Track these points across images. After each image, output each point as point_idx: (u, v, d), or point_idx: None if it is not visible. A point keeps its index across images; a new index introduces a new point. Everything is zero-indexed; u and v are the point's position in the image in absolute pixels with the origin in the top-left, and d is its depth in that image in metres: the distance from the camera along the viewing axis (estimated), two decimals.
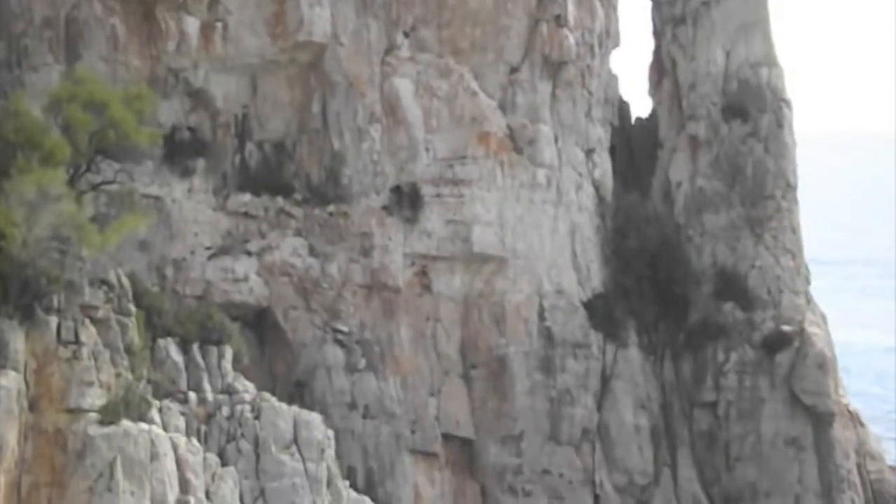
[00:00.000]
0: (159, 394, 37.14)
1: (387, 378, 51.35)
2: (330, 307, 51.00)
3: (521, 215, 54.20)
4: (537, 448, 53.19)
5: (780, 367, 55.59)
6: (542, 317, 54.36)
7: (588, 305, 55.33)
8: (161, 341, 38.50)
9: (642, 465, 54.73)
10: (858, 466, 57.77)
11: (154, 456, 32.79)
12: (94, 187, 37.07)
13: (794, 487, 54.71)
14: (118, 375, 33.66)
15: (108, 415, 32.52)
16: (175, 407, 37.01)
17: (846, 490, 55.41)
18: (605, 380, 55.16)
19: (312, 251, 51.10)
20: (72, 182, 34.88)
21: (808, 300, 58.92)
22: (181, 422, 36.56)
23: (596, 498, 53.65)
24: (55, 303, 33.12)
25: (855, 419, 60.10)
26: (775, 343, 55.68)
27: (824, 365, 55.43)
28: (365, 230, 51.58)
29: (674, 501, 54.86)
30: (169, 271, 48.77)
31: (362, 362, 51.08)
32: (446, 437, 52.26)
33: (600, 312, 55.27)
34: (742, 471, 55.11)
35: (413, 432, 51.38)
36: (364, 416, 50.63)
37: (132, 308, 35.21)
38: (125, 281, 35.24)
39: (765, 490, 54.80)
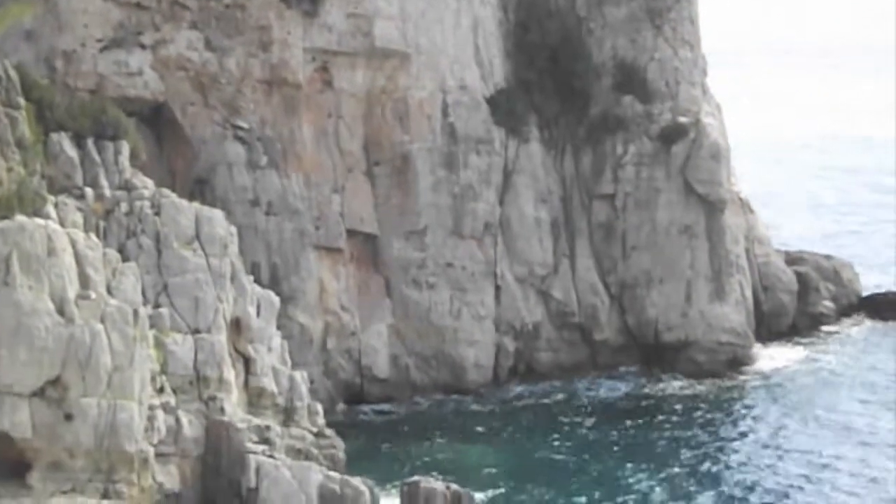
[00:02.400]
0: (54, 189, 36.79)
1: (289, 175, 51.28)
2: (229, 103, 50.39)
3: (423, 9, 53.53)
4: (440, 242, 53.94)
5: (675, 158, 56.59)
6: (445, 113, 54.36)
7: (490, 101, 55.41)
8: (54, 136, 37.89)
9: (542, 256, 55.93)
10: (747, 251, 59.77)
11: (51, 251, 32.56)
12: None
13: (686, 273, 56.48)
14: (10, 170, 33.16)
15: (2, 209, 32.11)
16: (71, 202, 36.74)
17: (734, 274, 57.33)
18: (507, 174, 55.74)
19: (209, 45, 50.11)
20: None
21: (705, 91, 59.64)
22: (78, 217, 36.36)
23: (497, 289, 54.88)
24: None
25: (745, 206, 61.79)
26: (672, 134, 56.53)
27: (718, 155, 56.50)
28: (263, 23, 50.60)
29: (572, 291, 56.36)
30: (59, 64, 47.56)
31: (264, 159, 50.86)
32: (350, 233, 52.71)
33: (503, 108, 55.43)
34: (637, 259, 56.67)
35: (317, 228, 51.70)
36: (267, 213, 50.72)
37: (21, 101, 34.42)
38: (13, 73, 34.36)
39: (659, 276, 56.52)
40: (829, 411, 51.06)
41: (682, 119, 56.87)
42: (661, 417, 50.53)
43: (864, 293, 65.79)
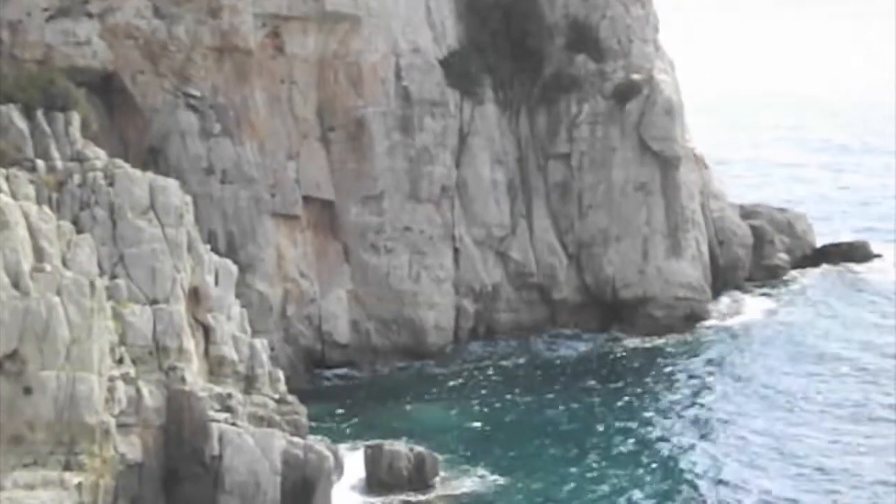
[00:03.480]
0: (5, 162, 36.42)
1: (243, 143, 50.97)
2: (180, 71, 49.94)
3: None
4: (398, 206, 53.87)
5: (630, 116, 56.74)
6: (398, 76, 54.15)
7: (444, 63, 55.25)
8: (3, 108, 37.50)
9: (499, 217, 56.02)
10: (702, 206, 60.16)
11: (4, 224, 32.36)
12: None
13: (643, 230, 56.78)
14: None
15: None
16: (23, 175, 36.34)
17: (690, 229, 57.72)
18: (463, 137, 55.69)
19: (157, 12, 49.55)
20: None
21: (657, 48, 59.77)
22: (31, 190, 35.99)
23: (456, 251, 54.96)
24: None
25: (700, 162, 62.14)
26: (625, 92, 56.65)
27: (672, 111, 56.71)
28: None
29: (530, 251, 56.55)
30: (4, 34, 46.84)
31: (217, 127, 50.50)
32: (307, 200, 52.51)
33: (456, 70, 55.29)
34: (594, 218, 56.88)
35: (273, 196, 51.47)
36: (222, 182, 50.41)
37: None
38: None
39: (615, 234, 56.78)
40: (786, 361, 51.66)
41: (636, 76, 57.00)
42: (620, 374, 50.95)
43: (819, 244, 66.54)
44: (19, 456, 30.61)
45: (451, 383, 50.39)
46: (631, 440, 43.86)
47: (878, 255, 65.62)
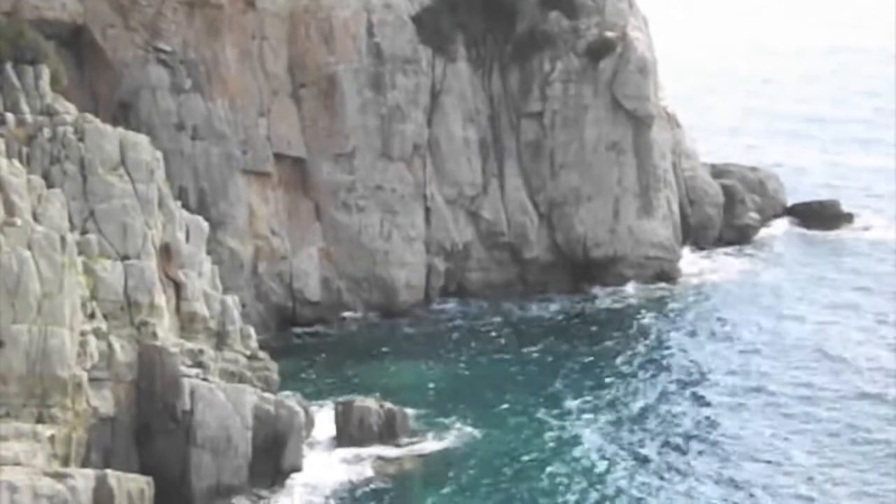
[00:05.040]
0: None
1: (214, 98, 50.65)
2: (150, 25, 49.47)
3: None
4: (369, 164, 53.74)
5: (603, 74, 56.64)
6: (370, 32, 53.86)
7: (416, 20, 54.94)
8: None
9: (471, 176, 55.95)
10: (674, 165, 60.28)
11: None
12: None
13: (614, 189, 56.85)
14: None
15: None
16: None
17: (662, 189, 57.86)
18: (435, 95, 55.49)
19: None
20: None
21: (631, 5, 59.59)
22: (0, 144, 35.66)
23: (427, 210, 54.92)
24: None
25: (672, 120, 62.19)
26: (599, 50, 56.48)
27: (645, 69, 56.66)
28: None
29: (501, 210, 56.53)
30: None
31: (188, 83, 50.14)
32: (278, 157, 52.30)
33: (429, 26, 54.99)
34: (566, 177, 56.86)
35: (244, 153, 51.24)
36: (193, 138, 50.12)
37: None
38: None
39: (587, 194, 56.80)
40: (755, 320, 52.06)
41: (609, 34, 56.84)
42: (590, 332, 51.20)
43: (790, 203, 66.87)
44: None
45: (423, 341, 50.51)
46: (602, 396, 44.18)
47: (849, 215, 65.86)
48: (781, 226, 65.39)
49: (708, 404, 43.26)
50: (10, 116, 37.52)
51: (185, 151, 49.74)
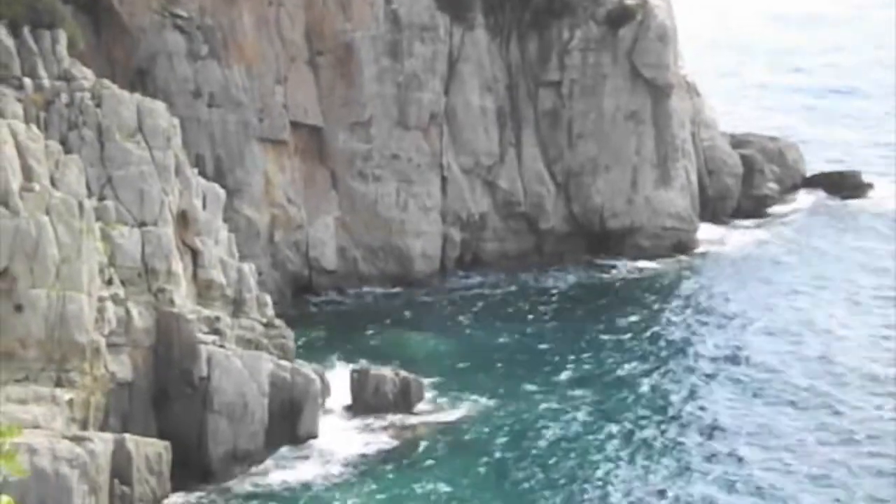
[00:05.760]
0: None
1: (231, 65, 50.44)
2: None
3: None
4: (386, 133, 53.51)
5: (622, 42, 56.17)
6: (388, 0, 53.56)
7: None
8: None
9: (488, 145, 55.66)
10: (693, 135, 59.82)
11: None
12: None
13: (632, 159, 56.51)
14: None
15: None
16: (10, 93, 35.97)
17: (680, 159, 57.47)
18: (452, 63, 55.16)
19: None
20: None
21: None
22: (18, 108, 35.66)
23: (443, 180, 54.70)
24: None
25: (692, 89, 61.68)
26: (619, 18, 55.94)
27: (665, 37, 56.15)
28: None
29: (518, 180, 56.26)
30: None
31: (204, 49, 49.95)
32: (295, 125, 52.11)
33: None
34: (584, 147, 56.51)
35: (261, 120, 51.07)
36: (209, 105, 49.96)
37: None
38: None
39: (605, 164, 56.47)
40: (772, 292, 51.82)
41: (629, 1, 56.32)
42: (607, 304, 51.01)
43: (809, 174, 66.26)
44: (11, 371, 30.59)
45: (438, 311, 50.44)
46: (617, 368, 44.05)
47: (870, 185, 65.30)
48: (801, 197, 64.82)
49: (738, 381, 42.91)
50: (27, 81, 37.46)
51: (202, 118, 49.61)
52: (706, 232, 58.74)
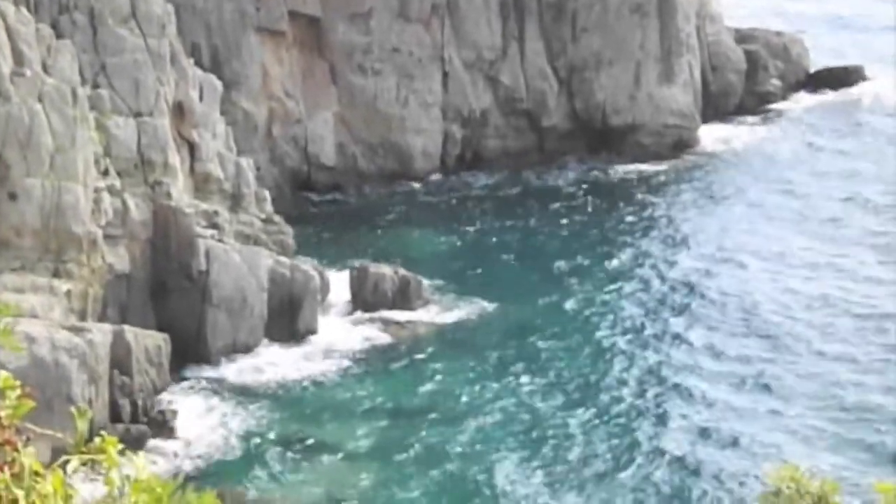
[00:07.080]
0: None
1: None
2: None
3: None
4: (386, 26, 52.25)
5: None
6: None
7: None
8: None
9: (491, 39, 54.38)
10: (698, 29, 58.39)
11: None
12: None
13: (636, 54, 55.23)
14: None
15: None
16: None
17: (684, 54, 56.18)
18: None
19: None
20: None
21: None
22: None
23: (445, 75, 53.57)
24: None
25: None
26: None
27: None
28: None
29: (520, 76, 55.08)
30: None
31: None
32: (293, 15, 50.83)
33: None
34: (587, 41, 55.22)
35: (258, 10, 49.79)
36: None
37: None
38: None
39: (608, 58, 55.20)
40: (771, 190, 51.15)
41: None
42: (607, 203, 50.35)
43: (812, 69, 64.78)
44: (7, 260, 30.02)
45: (438, 209, 49.78)
46: (619, 266, 43.61)
47: (872, 79, 63.78)
48: (803, 93, 63.48)
49: (724, 273, 42.67)
50: None
51: (198, 6, 48.30)
52: (707, 129, 57.70)
